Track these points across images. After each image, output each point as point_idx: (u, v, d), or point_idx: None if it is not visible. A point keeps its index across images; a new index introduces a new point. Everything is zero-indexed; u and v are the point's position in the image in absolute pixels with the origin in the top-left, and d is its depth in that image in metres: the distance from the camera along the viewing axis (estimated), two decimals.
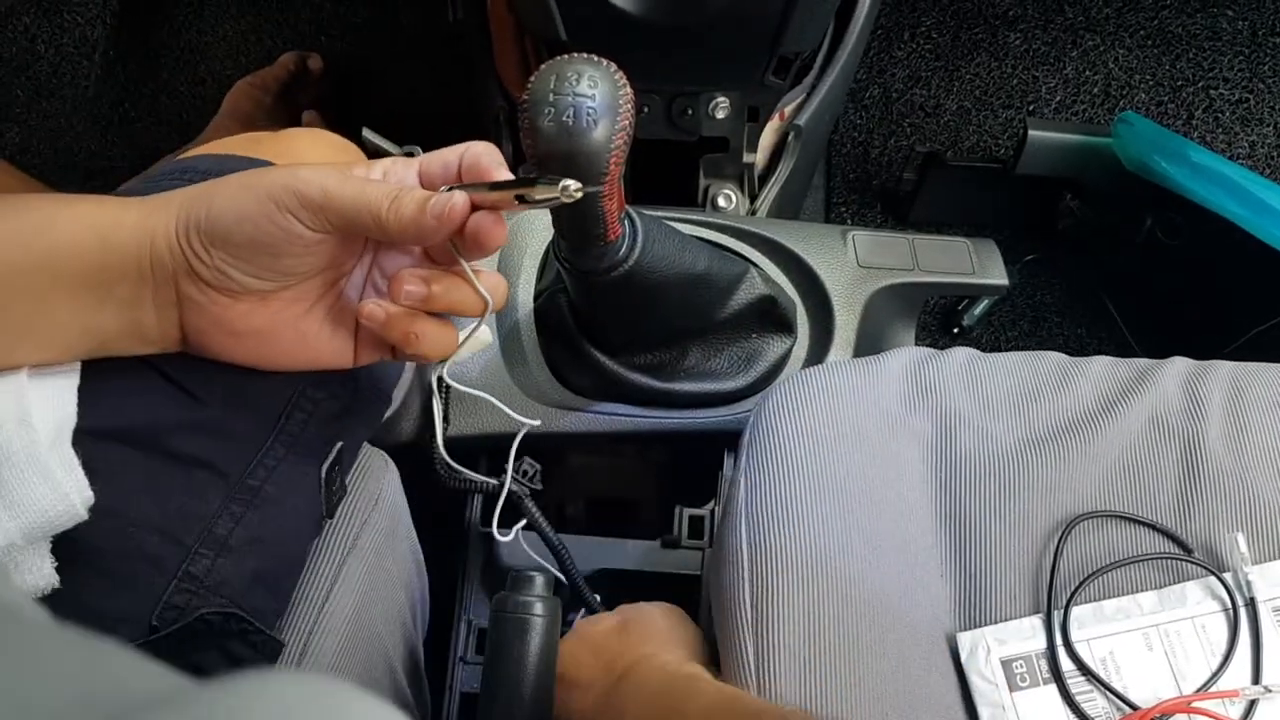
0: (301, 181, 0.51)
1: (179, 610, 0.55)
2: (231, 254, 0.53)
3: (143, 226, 0.52)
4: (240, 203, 0.52)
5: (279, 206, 0.51)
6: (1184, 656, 0.66)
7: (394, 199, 0.52)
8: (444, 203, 0.52)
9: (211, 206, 0.52)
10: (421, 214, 0.52)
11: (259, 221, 0.52)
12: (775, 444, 0.71)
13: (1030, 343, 1.47)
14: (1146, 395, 0.74)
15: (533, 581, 0.67)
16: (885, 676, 0.64)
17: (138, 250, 0.52)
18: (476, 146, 0.56)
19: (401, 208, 0.52)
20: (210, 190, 0.53)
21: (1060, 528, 0.69)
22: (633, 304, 0.76)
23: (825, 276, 0.94)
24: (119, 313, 0.54)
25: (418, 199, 0.52)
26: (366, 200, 0.52)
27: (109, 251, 0.52)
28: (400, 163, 0.56)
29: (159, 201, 0.53)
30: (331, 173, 0.52)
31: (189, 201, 0.53)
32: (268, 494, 0.59)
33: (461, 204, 0.53)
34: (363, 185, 0.52)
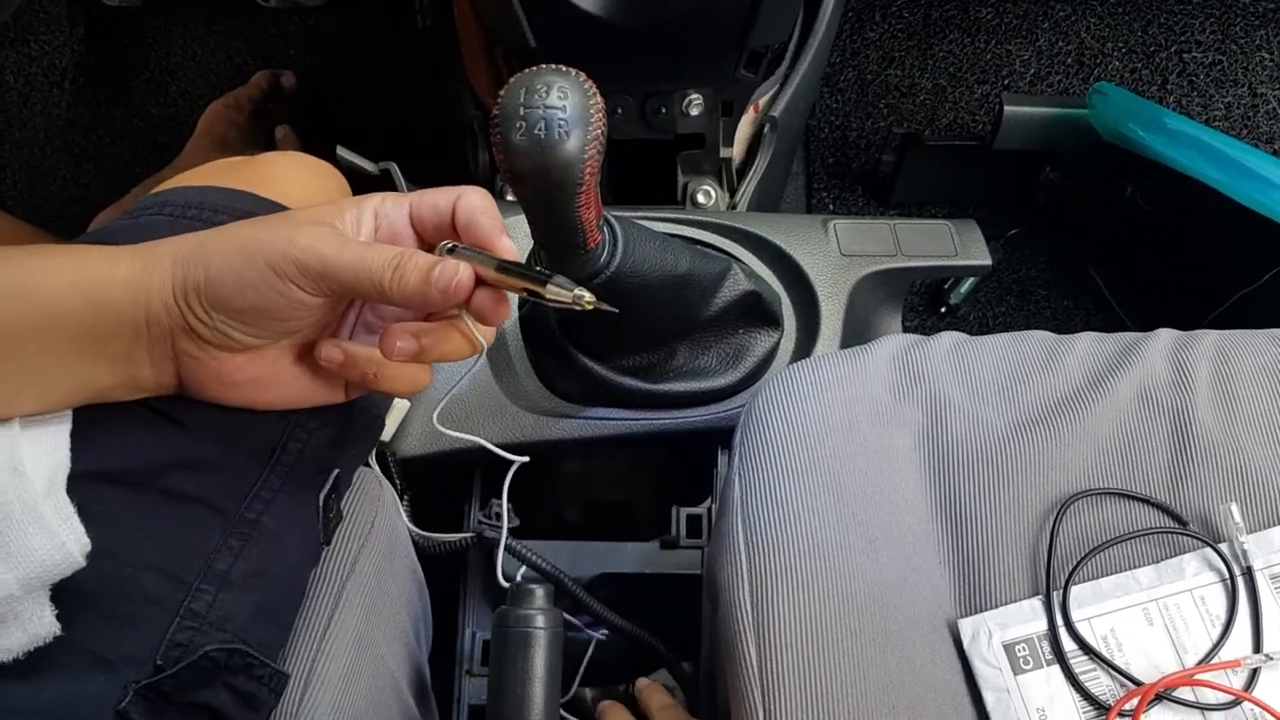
0: (300, 250, 0.52)
1: (183, 648, 0.54)
2: (233, 316, 0.53)
3: (136, 285, 0.52)
4: (240, 270, 0.52)
5: (280, 275, 0.52)
6: (1184, 629, 0.66)
7: (396, 268, 0.52)
8: (449, 277, 0.53)
9: (209, 269, 0.52)
10: (426, 286, 0.53)
11: (260, 289, 0.52)
12: (767, 440, 0.71)
13: (1018, 317, 1.47)
14: (1133, 370, 0.74)
15: (533, 594, 0.67)
16: (889, 668, 0.64)
17: (132, 309, 0.53)
18: (471, 197, 0.57)
19: (405, 278, 0.53)
20: (205, 249, 0.53)
21: (1055, 508, 0.69)
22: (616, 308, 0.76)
23: (808, 267, 0.94)
24: (113, 368, 0.54)
25: (421, 269, 0.53)
26: (368, 269, 0.52)
27: (100, 312, 0.52)
28: (390, 201, 0.56)
29: (149, 257, 0.53)
30: (329, 238, 0.52)
31: (184, 261, 0.53)
32: (265, 526, 0.59)
33: (467, 280, 0.54)
34: (362, 252, 0.52)
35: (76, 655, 0.52)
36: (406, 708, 0.71)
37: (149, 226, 0.64)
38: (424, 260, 0.53)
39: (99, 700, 0.52)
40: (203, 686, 0.55)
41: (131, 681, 0.53)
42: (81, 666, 0.52)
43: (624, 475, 1.00)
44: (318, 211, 0.55)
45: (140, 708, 0.53)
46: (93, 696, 0.52)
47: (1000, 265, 1.48)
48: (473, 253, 0.56)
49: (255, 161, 0.73)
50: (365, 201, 0.56)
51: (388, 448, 0.85)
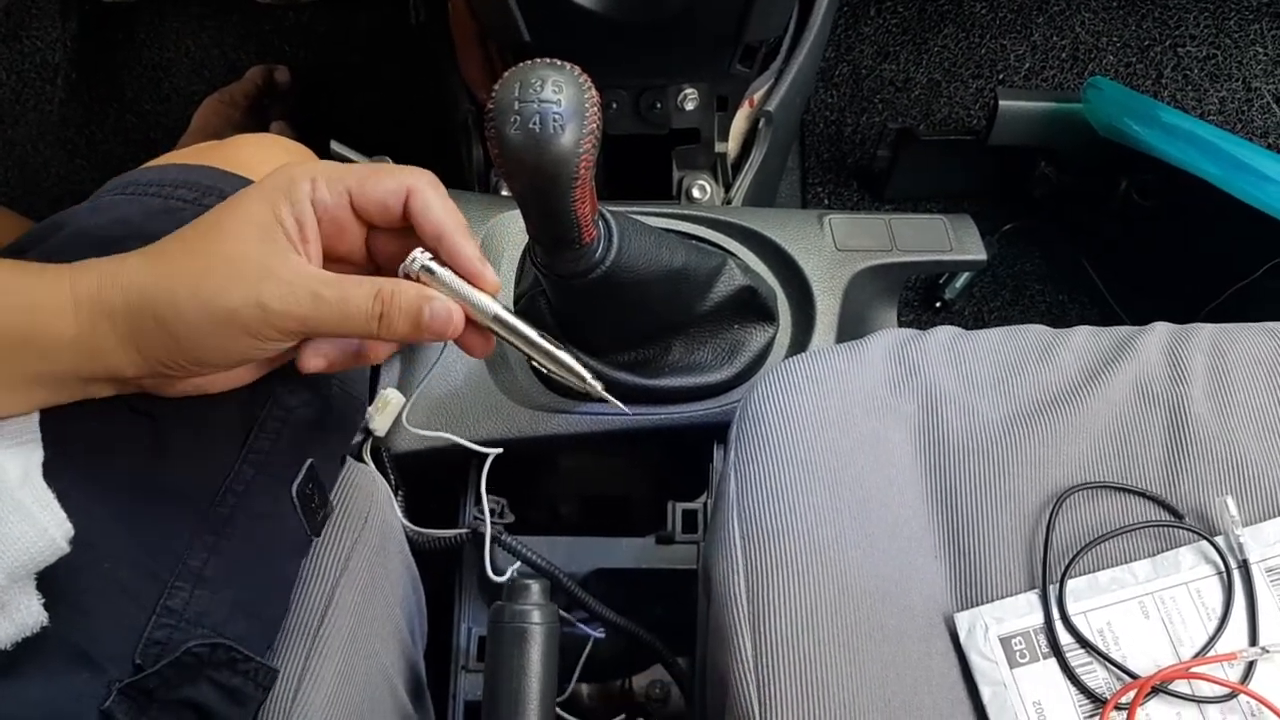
0: (277, 316, 0.51)
1: (161, 646, 0.54)
2: (208, 366, 0.54)
3: (87, 347, 0.52)
4: (212, 334, 0.52)
5: (259, 337, 0.52)
6: (1181, 622, 0.66)
7: (382, 317, 0.53)
8: (442, 322, 0.54)
9: (175, 335, 0.52)
10: (416, 331, 0.54)
11: (240, 349, 0.53)
12: (763, 435, 0.71)
13: (1013, 312, 1.47)
14: (1129, 363, 0.74)
15: (529, 590, 0.66)
16: (885, 662, 0.64)
17: (87, 364, 0.52)
18: (426, 196, 0.56)
19: (393, 325, 0.53)
20: (156, 309, 0.51)
21: (1051, 502, 0.69)
22: (612, 304, 0.76)
23: (804, 262, 0.94)
24: (71, 393, 0.54)
25: (409, 315, 0.53)
26: (349, 320, 0.52)
27: (47, 361, 0.52)
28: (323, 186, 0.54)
29: (90, 315, 0.52)
30: (302, 294, 0.51)
31: (137, 328, 0.52)
32: (240, 520, 0.59)
33: (460, 324, 0.55)
34: (343, 305, 0.52)
35: (57, 652, 0.52)
36: (401, 704, 0.71)
37: (109, 206, 0.64)
38: (408, 304, 0.53)
39: (83, 699, 0.52)
40: (186, 683, 0.55)
41: (114, 679, 0.52)
42: (64, 664, 0.52)
43: (619, 470, 1.00)
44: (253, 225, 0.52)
45: (124, 706, 0.52)
46: (76, 695, 0.52)
47: (995, 260, 1.48)
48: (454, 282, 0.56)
49: (225, 144, 0.72)
50: (297, 190, 0.53)
51: (382, 443, 0.85)
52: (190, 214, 0.63)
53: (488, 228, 0.94)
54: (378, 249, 0.58)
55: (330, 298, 0.52)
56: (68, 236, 0.62)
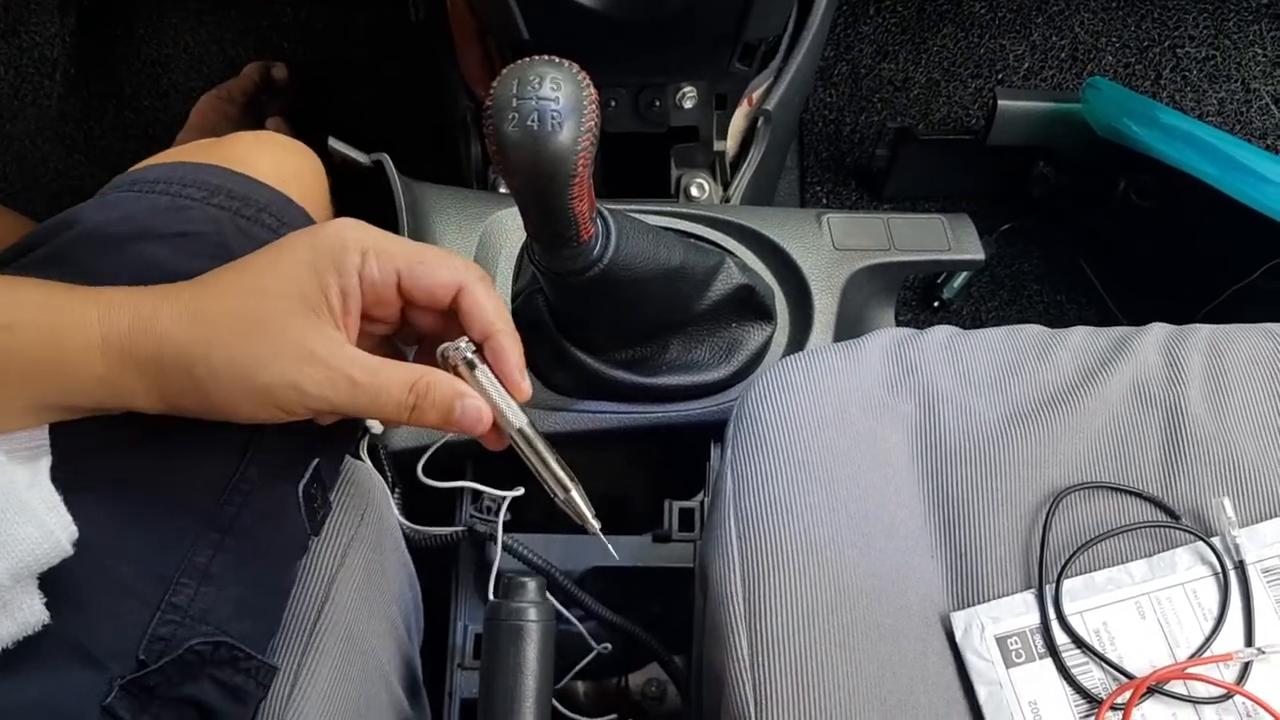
0: (313, 400, 0.52)
1: (165, 642, 0.54)
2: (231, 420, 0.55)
3: (112, 387, 0.52)
4: (244, 403, 0.53)
5: (288, 411, 0.53)
6: (1177, 623, 0.66)
7: (414, 408, 0.54)
8: (471, 421, 0.56)
9: (210, 397, 0.52)
10: (444, 424, 0.55)
11: (267, 416, 0.54)
12: (760, 434, 0.71)
13: (1010, 312, 1.47)
14: (1126, 364, 0.74)
15: (525, 587, 0.66)
16: (881, 660, 0.64)
17: (109, 400, 0.53)
18: (473, 285, 0.56)
19: (424, 417, 0.54)
20: (193, 374, 0.52)
21: (1047, 502, 0.69)
22: (610, 302, 0.76)
23: (802, 261, 0.94)
24: (83, 414, 0.55)
25: (441, 409, 0.55)
26: (382, 409, 0.54)
27: (68, 394, 0.53)
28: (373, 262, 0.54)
29: (127, 359, 0.52)
30: (339, 380, 0.52)
31: (167, 379, 0.52)
32: (245, 518, 0.59)
33: (487, 425, 0.56)
34: (376, 394, 0.53)
35: (59, 649, 0.52)
36: (397, 701, 0.71)
37: (116, 204, 0.64)
38: (441, 399, 0.55)
39: (84, 695, 0.52)
40: (188, 680, 0.55)
41: (116, 676, 0.52)
42: (65, 661, 0.52)
43: (617, 469, 0.99)
44: (297, 296, 0.52)
45: (126, 703, 0.52)
46: (78, 692, 0.52)
47: (993, 260, 1.48)
48: (490, 384, 0.57)
49: (225, 141, 0.72)
50: (346, 262, 0.53)
51: (379, 441, 0.85)
52: (198, 212, 0.63)
53: (485, 225, 0.94)
54: (413, 319, 0.59)
55: (366, 385, 0.53)
56: (77, 235, 0.61)
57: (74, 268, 0.54)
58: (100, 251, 0.60)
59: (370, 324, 0.57)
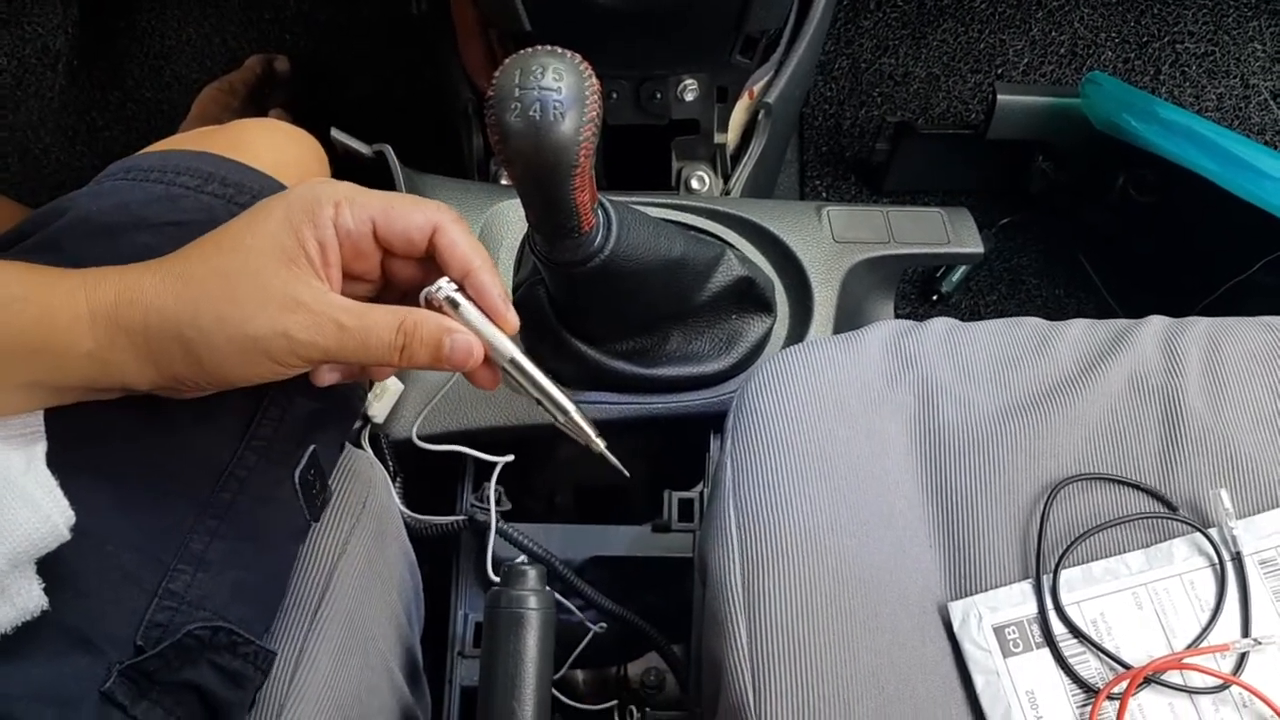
0: (302, 346, 0.52)
1: (162, 628, 0.54)
2: (226, 386, 0.55)
3: (102, 361, 0.52)
4: (239, 362, 0.52)
5: (284, 365, 0.53)
6: (1174, 614, 0.66)
7: (404, 348, 0.54)
8: (462, 355, 0.55)
9: (201, 361, 0.52)
10: (435, 362, 0.55)
11: (262, 373, 0.53)
12: (760, 424, 0.71)
13: (1009, 305, 1.48)
14: (1125, 356, 0.74)
15: (525, 576, 0.67)
16: (879, 650, 0.64)
17: (101, 376, 0.53)
18: (453, 234, 0.56)
19: (414, 356, 0.54)
20: (183, 338, 0.52)
21: (1045, 493, 0.69)
22: (611, 293, 0.76)
23: (802, 254, 0.94)
24: (77, 397, 0.55)
25: (430, 346, 0.54)
26: (372, 351, 0.53)
27: (59, 372, 0.52)
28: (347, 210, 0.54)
29: (116, 331, 0.52)
30: (326, 324, 0.52)
31: (159, 350, 0.52)
32: (241, 505, 0.59)
33: (479, 358, 0.56)
34: (365, 335, 0.53)
35: (58, 634, 0.52)
36: (398, 688, 0.71)
37: (110, 192, 0.64)
38: (430, 335, 0.54)
39: (83, 680, 0.52)
40: (187, 665, 0.55)
41: (115, 662, 0.53)
42: (64, 646, 0.52)
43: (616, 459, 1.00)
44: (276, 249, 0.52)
45: (125, 688, 0.53)
46: (77, 676, 0.52)
47: (992, 254, 1.49)
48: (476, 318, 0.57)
49: (226, 129, 0.72)
50: (321, 213, 0.53)
51: (381, 430, 0.85)
52: (191, 201, 0.63)
53: (487, 216, 0.94)
54: (393, 272, 0.59)
55: (354, 328, 0.53)
56: (69, 222, 0.61)
57: (64, 256, 0.54)
58: (91, 240, 0.60)
59: (353, 283, 0.57)
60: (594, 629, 0.87)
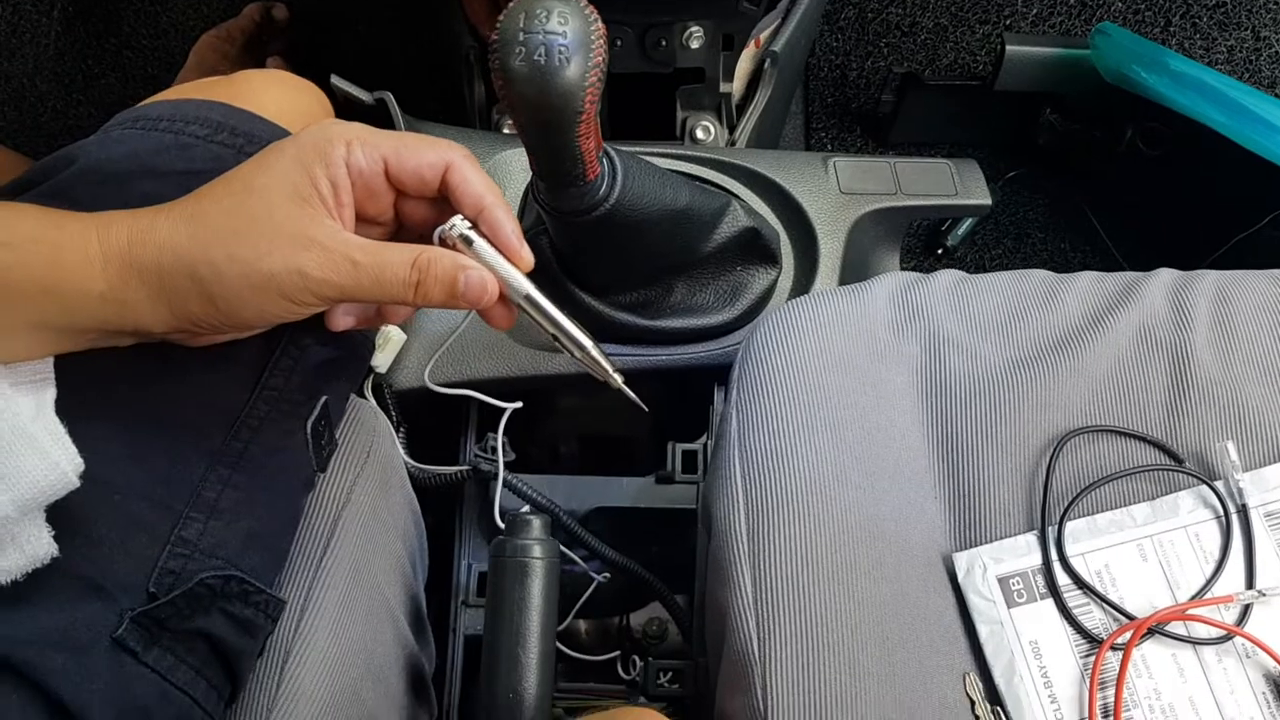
0: (316, 284, 0.52)
1: (175, 575, 0.54)
2: (244, 328, 0.55)
3: (115, 303, 0.52)
4: (253, 301, 0.52)
5: (298, 304, 0.53)
6: (1178, 565, 0.66)
7: (418, 285, 0.53)
8: (476, 292, 0.55)
9: (214, 300, 0.52)
10: (450, 299, 0.55)
11: (279, 314, 0.53)
12: (765, 376, 0.71)
13: (1014, 259, 1.47)
14: (1133, 308, 0.74)
15: (530, 525, 0.67)
16: (883, 600, 0.64)
17: (114, 319, 0.52)
18: (465, 171, 0.56)
19: (429, 293, 0.54)
20: (197, 275, 0.51)
21: (1052, 445, 0.69)
22: (615, 243, 0.75)
23: (808, 205, 0.93)
24: (89, 343, 0.54)
25: (444, 283, 0.54)
26: (386, 288, 0.53)
27: (70, 314, 0.52)
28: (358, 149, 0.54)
29: (128, 271, 0.51)
30: (340, 261, 0.52)
31: (172, 288, 0.52)
32: (254, 454, 0.59)
33: (494, 295, 0.56)
34: (379, 272, 0.53)
35: (69, 581, 0.52)
36: (402, 635, 0.71)
37: (119, 140, 0.63)
38: (444, 272, 0.54)
39: (94, 627, 0.52)
40: (199, 613, 0.55)
41: (126, 609, 0.53)
42: (75, 593, 0.52)
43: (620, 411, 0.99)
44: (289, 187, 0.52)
45: (136, 635, 0.53)
46: (88, 623, 0.52)
47: (998, 207, 1.48)
48: (491, 255, 0.57)
49: (233, 79, 0.72)
50: (332, 152, 0.53)
51: (384, 380, 0.85)
52: (201, 150, 0.63)
53: (489, 165, 0.93)
54: (407, 213, 0.58)
55: (368, 265, 0.52)
56: (78, 171, 0.61)
57: (76, 204, 0.54)
58: (102, 188, 0.60)
59: (366, 226, 0.57)
60: (597, 579, 0.88)
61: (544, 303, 0.59)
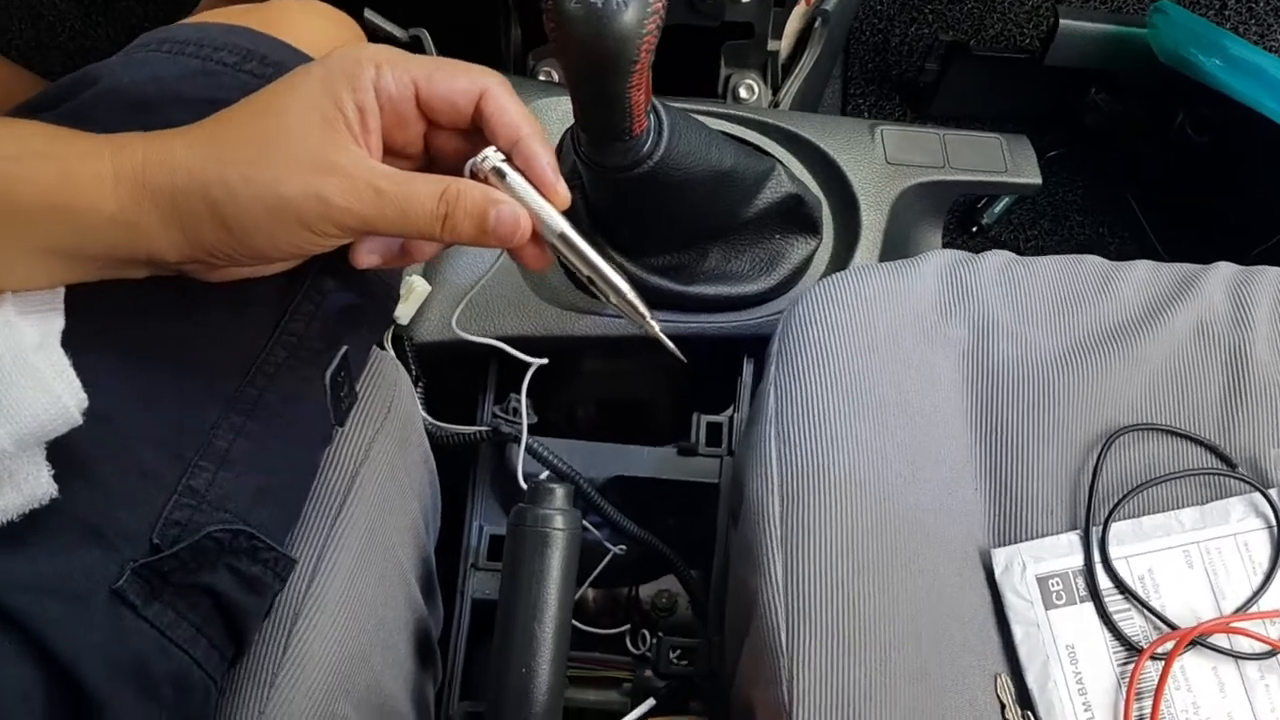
0: (338, 213, 0.49)
1: (180, 527, 0.52)
2: (262, 260, 0.52)
3: (126, 225, 0.49)
4: (270, 229, 0.49)
5: (319, 234, 0.50)
6: (1225, 575, 0.64)
7: (446, 218, 0.51)
8: (509, 228, 0.52)
9: (229, 226, 0.49)
10: (480, 235, 0.52)
11: (298, 244, 0.50)
12: (807, 352, 0.68)
13: (1050, 242, 1.43)
14: (1191, 302, 0.71)
15: (553, 494, 0.64)
16: (918, 595, 0.62)
17: (125, 244, 0.50)
18: (502, 100, 0.53)
19: (457, 228, 0.51)
20: (210, 198, 0.48)
21: (1100, 440, 0.67)
22: (655, 203, 0.72)
23: (852, 174, 0.90)
24: (100, 272, 0.52)
25: (474, 218, 0.51)
26: (412, 221, 0.50)
27: (79, 235, 0.49)
28: (388, 72, 0.51)
29: (133, 195, 0.48)
30: (364, 189, 0.49)
31: (185, 210, 0.49)
32: (269, 403, 0.56)
33: (526, 232, 0.53)
34: (405, 203, 0.50)
35: (69, 526, 0.50)
36: (413, 598, 0.69)
37: (144, 63, 0.61)
38: (474, 206, 0.51)
39: (93, 576, 0.49)
40: (204, 568, 0.53)
41: (128, 560, 0.50)
42: (74, 538, 0.50)
43: (644, 377, 0.96)
44: (313, 110, 0.49)
45: (137, 587, 0.50)
46: (87, 572, 0.49)
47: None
48: (525, 189, 0.54)
49: (265, 5, 0.69)
50: (361, 75, 0.50)
51: (405, 332, 0.82)
52: (229, 79, 0.60)
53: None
54: (437, 146, 0.55)
55: (393, 195, 0.49)
56: (100, 93, 0.58)
57: (95, 128, 0.51)
58: (125, 113, 0.57)
59: (394, 158, 0.54)
60: (613, 550, 0.85)
61: (579, 242, 0.56)
